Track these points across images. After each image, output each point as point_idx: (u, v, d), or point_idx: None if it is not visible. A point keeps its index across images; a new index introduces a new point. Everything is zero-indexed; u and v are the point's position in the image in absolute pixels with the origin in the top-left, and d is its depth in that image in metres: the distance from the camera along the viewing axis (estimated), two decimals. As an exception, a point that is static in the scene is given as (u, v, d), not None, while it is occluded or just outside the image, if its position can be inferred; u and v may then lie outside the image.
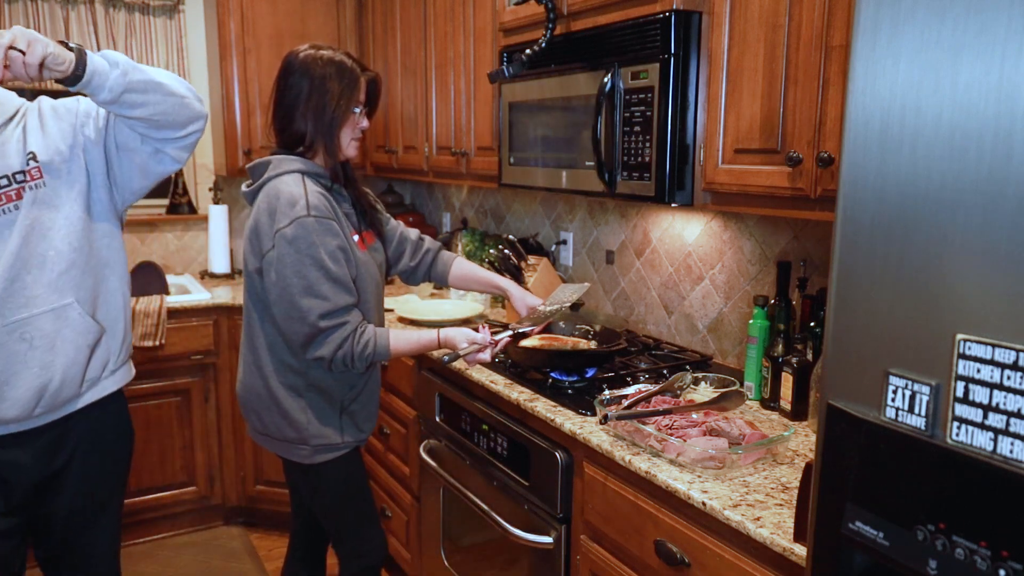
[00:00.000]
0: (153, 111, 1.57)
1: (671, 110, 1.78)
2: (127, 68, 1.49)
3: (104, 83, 1.47)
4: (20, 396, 1.61)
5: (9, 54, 1.33)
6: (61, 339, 1.64)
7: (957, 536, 0.86)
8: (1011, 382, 0.81)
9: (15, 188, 1.59)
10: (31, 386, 1.61)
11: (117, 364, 1.79)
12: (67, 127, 1.65)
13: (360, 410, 1.96)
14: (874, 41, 0.91)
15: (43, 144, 1.62)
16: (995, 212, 0.81)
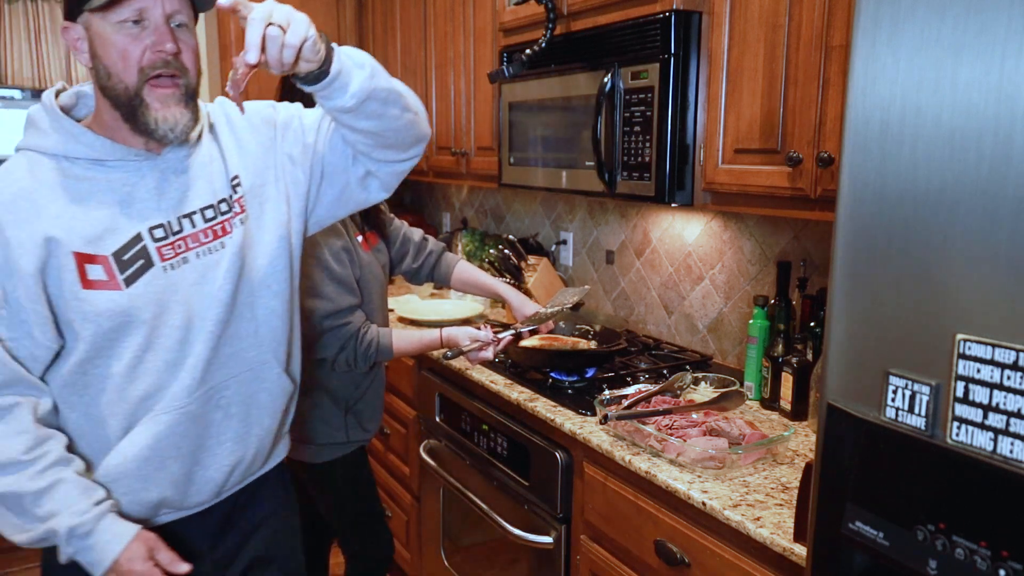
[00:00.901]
0: (386, 125, 1.30)
1: (671, 110, 1.78)
2: (374, 71, 1.24)
3: (348, 85, 1.20)
4: (211, 477, 1.35)
5: (268, 32, 1.08)
6: (256, 404, 1.38)
7: (957, 536, 0.86)
8: (1011, 382, 0.81)
9: (221, 221, 1.30)
10: (224, 464, 1.36)
11: (288, 425, 1.53)
12: (265, 141, 1.37)
13: (365, 409, 1.97)
14: (874, 41, 0.91)
15: (243, 164, 1.34)
16: (995, 212, 0.81)
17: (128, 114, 1.19)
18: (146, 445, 1.26)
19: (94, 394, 1.25)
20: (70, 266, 1.19)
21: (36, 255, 1.17)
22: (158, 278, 1.23)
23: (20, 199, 1.19)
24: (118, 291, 1.21)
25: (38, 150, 1.23)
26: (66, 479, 1.20)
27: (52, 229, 1.18)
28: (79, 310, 1.20)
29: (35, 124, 1.25)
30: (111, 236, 1.21)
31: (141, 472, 1.27)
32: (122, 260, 1.21)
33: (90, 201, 1.21)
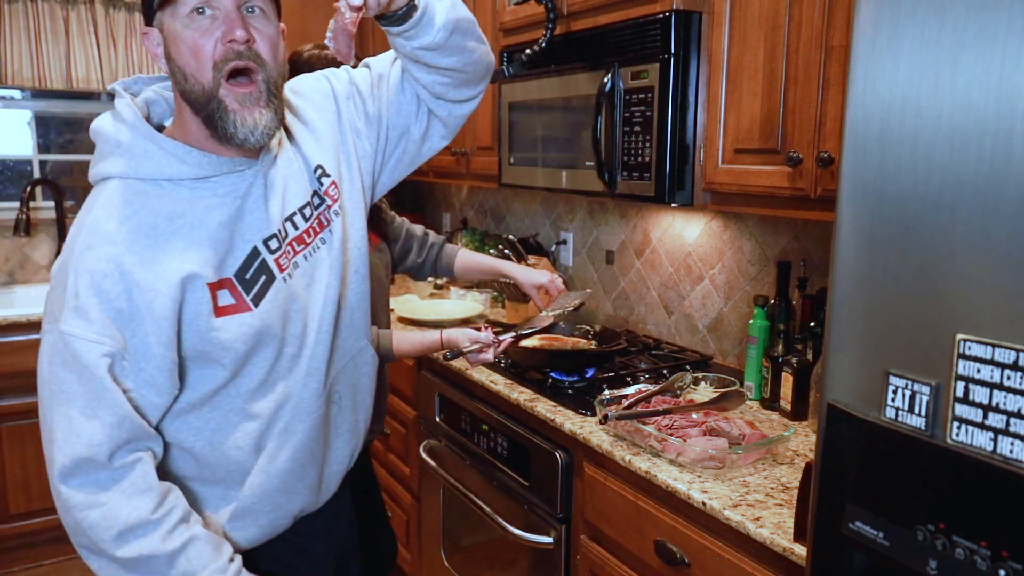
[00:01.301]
0: (468, 59, 1.23)
1: (671, 110, 1.78)
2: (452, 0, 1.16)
3: (434, 19, 1.13)
4: (335, 472, 1.34)
5: None
6: (360, 390, 1.36)
7: (957, 536, 0.86)
8: (1011, 382, 0.81)
9: (317, 216, 1.23)
10: (343, 457, 1.35)
11: None
12: (331, 118, 1.28)
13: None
14: (874, 41, 0.91)
15: (320, 150, 1.26)
16: (995, 212, 0.81)
17: (207, 119, 1.10)
18: (288, 457, 1.23)
19: (220, 420, 1.18)
20: (205, 299, 1.11)
21: (171, 296, 1.08)
22: (281, 291, 1.18)
23: (141, 236, 1.07)
24: (248, 312, 1.14)
25: (135, 176, 1.10)
26: (198, 536, 1.13)
27: (185, 265, 1.08)
28: (215, 341, 1.12)
29: (123, 146, 1.11)
30: (231, 256, 1.13)
31: (285, 485, 1.24)
32: (245, 279, 1.14)
33: (208, 224, 1.12)
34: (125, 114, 1.12)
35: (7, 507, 2.92)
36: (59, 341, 1.06)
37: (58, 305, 1.07)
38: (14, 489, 2.92)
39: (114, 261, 1.06)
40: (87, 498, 1.08)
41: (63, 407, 1.07)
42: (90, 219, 1.09)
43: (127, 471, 1.10)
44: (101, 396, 1.06)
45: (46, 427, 1.09)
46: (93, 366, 1.05)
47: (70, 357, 1.06)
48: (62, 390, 1.07)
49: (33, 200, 3.46)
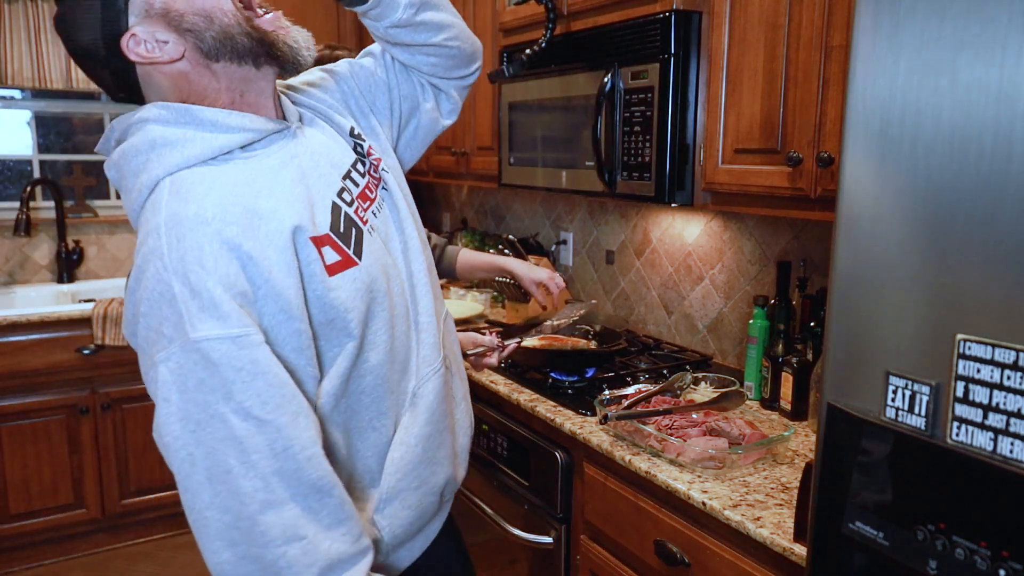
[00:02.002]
0: (449, 34, 1.21)
1: (671, 110, 1.78)
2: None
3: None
4: (463, 445, 1.28)
5: None
6: (457, 353, 1.28)
7: (957, 536, 0.86)
8: (1011, 382, 0.81)
9: (368, 171, 1.17)
10: (466, 427, 1.28)
11: None
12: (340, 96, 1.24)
13: None
14: (874, 41, 0.91)
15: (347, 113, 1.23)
16: (995, 212, 0.81)
17: (263, 54, 1.02)
18: (424, 421, 1.14)
19: (354, 400, 1.07)
20: (315, 256, 0.99)
21: (285, 261, 0.96)
22: (373, 241, 1.09)
23: (229, 206, 0.94)
24: (356, 267, 1.04)
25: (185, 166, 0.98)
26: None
27: (285, 221, 0.97)
28: (336, 303, 1.00)
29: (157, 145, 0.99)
30: (318, 212, 1.03)
31: (427, 455, 1.16)
32: (340, 233, 1.04)
33: (282, 181, 1.01)
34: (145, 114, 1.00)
35: (7, 507, 2.92)
36: (189, 359, 0.89)
37: (170, 322, 0.89)
38: (14, 489, 2.92)
39: (217, 238, 0.92)
40: (287, 527, 0.92)
41: (220, 432, 0.89)
42: (163, 219, 0.93)
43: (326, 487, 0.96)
44: (267, 396, 0.91)
45: (199, 472, 0.90)
46: (251, 362, 0.90)
47: (213, 368, 0.89)
48: (211, 414, 0.89)
49: (33, 200, 3.46)
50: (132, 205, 1.00)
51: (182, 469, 0.91)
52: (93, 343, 2.97)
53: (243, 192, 0.97)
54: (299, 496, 0.93)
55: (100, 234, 3.60)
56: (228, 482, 0.90)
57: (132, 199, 0.99)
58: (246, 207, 0.95)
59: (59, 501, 3.00)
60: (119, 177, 1.02)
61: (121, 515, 3.12)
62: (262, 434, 0.90)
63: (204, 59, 1.01)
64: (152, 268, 0.91)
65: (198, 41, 0.99)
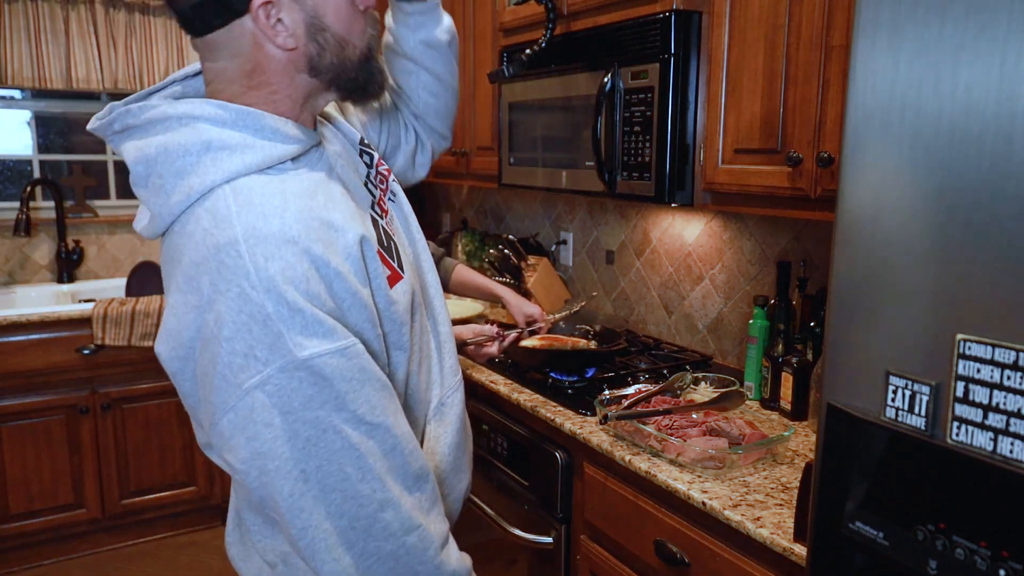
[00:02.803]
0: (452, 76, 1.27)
1: (671, 110, 1.78)
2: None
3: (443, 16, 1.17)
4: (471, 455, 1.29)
5: None
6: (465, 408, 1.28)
7: (957, 536, 0.86)
8: (1011, 382, 0.81)
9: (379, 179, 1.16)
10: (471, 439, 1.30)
11: None
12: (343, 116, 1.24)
13: None
14: (874, 41, 0.91)
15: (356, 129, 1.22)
16: (995, 212, 0.81)
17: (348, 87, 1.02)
18: (455, 431, 1.17)
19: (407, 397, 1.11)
20: (380, 267, 0.99)
21: (362, 271, 0.96)
22: (403, 255, 1.10)
23: (306, 220, 0.91)
24: (403, 280, 1.05)
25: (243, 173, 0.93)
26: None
27: (354, 229, 0.96)
28: (395, 316, 1.02)
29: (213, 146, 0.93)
30: (370, 227, 1.02)
31: (457, 463, 1.19)
32: (385, 246, 1.04)
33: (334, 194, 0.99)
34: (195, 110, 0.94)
35: (7, 507, 2.92)
36: (293, 378, 0.86)
37: (264, 345, 0.86)
38: (14, 489, 2.93)
39: (306, 258, 0.88)
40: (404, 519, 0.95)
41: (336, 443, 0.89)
42: (241, 235, 0.87)
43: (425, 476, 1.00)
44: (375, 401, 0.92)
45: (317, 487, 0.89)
46: (359, 371, 0.90)
47: (324, 383, 0.87)
48: (324, 429, 0.88)
49: (33, 200, 3.46)
50: (169, 206, 0.93)
51: (294, 491, 0.89)
52: (93, 343, 2.97)
53: (313, 205, 0.94)
54: (408, 488, 0.96)
55: (100, 234, 3.60)
56: (345, 489, 0.90)
57: (171, 200, 0.93)
58: (322, 220, 0.93)
59: (59, 501, 3.00)
60: (149, 173, 0.94)
61: (121, 515, 3.12)
62: (373, 438, 0.92)
63: (301, 68, 0.98)
64: (236, 289, 0.86)
65: (316, 55, 0.97)
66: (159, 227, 0.96)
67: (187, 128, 0.93)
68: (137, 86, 3.45)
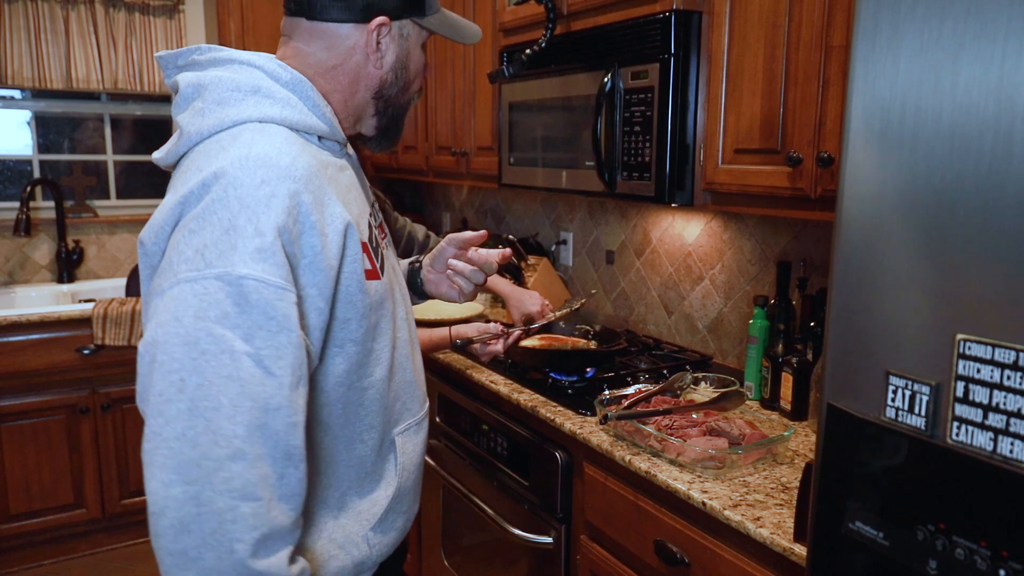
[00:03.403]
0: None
1: (671, 110, 1.78)
2: None
3: None
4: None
5: None
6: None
7: (957, 536, 0.86)
8: (1011, 382, 0.81)
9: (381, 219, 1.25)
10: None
11: None
12: None
13: None
14: (874, 41, 0.91)
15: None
16: (995, 212, 0.81)
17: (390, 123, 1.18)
18: (421, 451, 1.22)
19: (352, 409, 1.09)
20: (359, 255, 1.03)
21: (338, 244, 0.99)
22: (387, 264, 1.16)
23: (313, 175, 0.98)
24: (379, 280, 1.09)
25: (280, 121, 1.03)
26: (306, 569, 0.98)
27: (345, 211, 1.01)
28: (360, 305, 1.04)
29: (263, 91, 1.03)
30: (362, 221, 1.08)
31: (416, 485, 1.23)
32: (371, 246, 1.09)
33: (342, 180, 1.08)
34: (258, 60, 1.06)
35: (7, 507, 2.92)
36: (222, 290, 0.88)
37: (218, 248, 0.89)
38: (14, 489, 2.93)
39: (296, 198, 0.94)
40: (249, 484, 0.89)
41: (224, 370, 0.88)
42: (258, 153, 0.95)
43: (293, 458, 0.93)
44: (281, 350, 0.91)
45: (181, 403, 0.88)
46: (283, 315, 0.91)
47: (242, 309, 0.88)
48: (221, 350, 0.88)
49: (33, 200, 3.46)
50: (201, 127, 1.00)
51: (165, 393, 0.88)
52: (93, 343, 2.97)
53: (321, 174, 1.01)
54: (271, 458, 0.91)
55: (100, 234, 3.60)
56: (210, 420, 0.87)
57: (205, 122, 1.00)
58: (322, 184, 1.00)
59: (59, 501, 3.00)
60: (195, 97, 1.03)
61: (121, 515, 3.12)
62: (264, 386, 0.89)
63: (371, 87, 1.13)
64: (222, 191, 0.91)
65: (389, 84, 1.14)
66: (182, 148, 1.03)
67: (245, 70, 1.04)
68: (137, 86, 3.45)
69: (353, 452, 1.11)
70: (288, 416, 0.91)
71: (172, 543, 0.87)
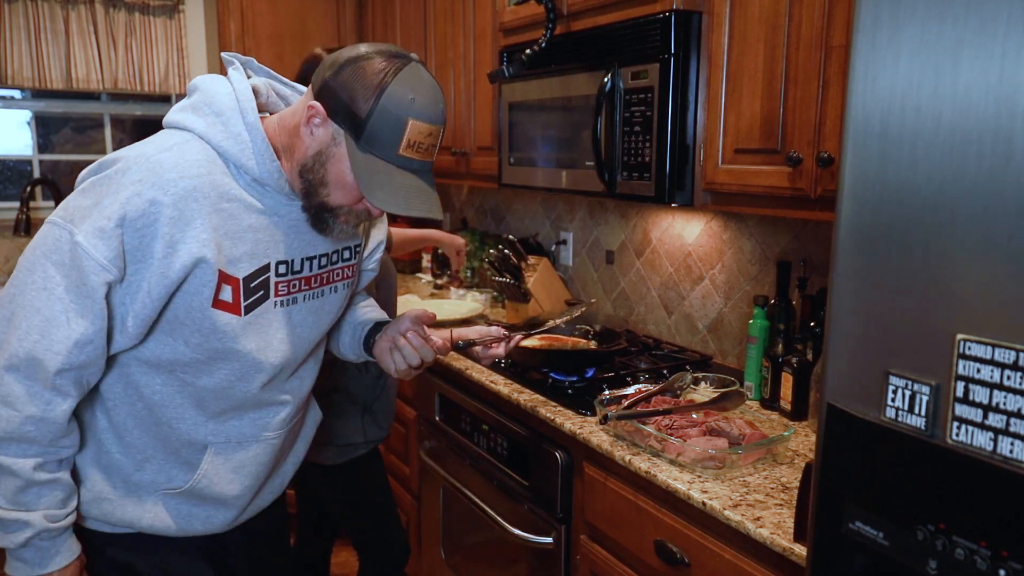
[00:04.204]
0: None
1: (671, 110, 1.78)
2: None
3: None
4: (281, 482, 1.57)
5: None
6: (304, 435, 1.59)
7: (957, 536, 0.86)
8: (1011, 382, 0.81)
9: (331, 270, 1.37)
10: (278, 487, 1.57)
11: None
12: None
13: (381, 408, 1.96)
14: (874, 41, 0.91)
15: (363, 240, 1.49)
16: (995, 212, 0.81)
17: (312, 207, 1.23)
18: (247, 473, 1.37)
19: (169, 394, 1.26)
20: (212, 283, 1.17)
21: (183, 264, 1.14)
22: (268, 312, 1.26)
23: (191, 200, 1.13)
24: (237, 316, 1.22)
25: (214, 145, 1.18)
26: (61, 480, 1.21)
27: (206, 246, 1.14)
28: (198, 324, 1.19)
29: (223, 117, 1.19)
30: (247, 261, 1.21)
31: (237, 501, 1.38)
32: (249, 287, 1.22)
33: (243, 221, 1.20)
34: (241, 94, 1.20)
35: (7, 507, 2.92)
36: (66, 244, 1.10)
37: (82, 212, 1.11)
38: (14, 489, 2.92)
39: (157, 206, 1.10)
40: (5, 395, 1.12)
41: (39, 302, 1.11)
42: (157, 158, 1.13)
43: (56, 398, 1.14)
44: (84, 310, 1.11)
45: (7, 308, 1.13)
46: (92, 286, 1.11)
47: (71, 265, 1.10)
48: (46, 287, 1.11)
49: (33, 200, 3.46)
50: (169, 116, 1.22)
51: (2, 298, 1.13)
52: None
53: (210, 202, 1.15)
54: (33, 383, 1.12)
55: (100, 234, 3.60)
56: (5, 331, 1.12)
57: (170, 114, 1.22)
58: (200, 211, 1.13)
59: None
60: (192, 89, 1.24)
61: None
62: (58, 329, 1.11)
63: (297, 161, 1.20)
64: (112, 172, 1.13)
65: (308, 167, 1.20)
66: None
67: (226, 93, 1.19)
68: (137, 86, 3.45)
69: (159, 431, 1.27)
70: (60, 363, 1.11)
71: None
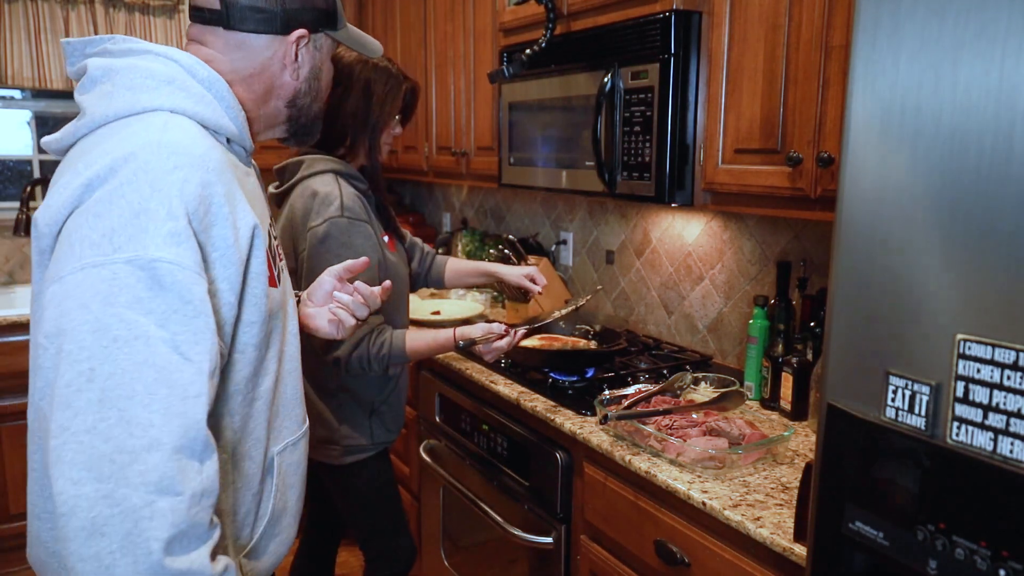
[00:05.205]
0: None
1: (671, 110, 1.78)
2: None
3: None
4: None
5: None
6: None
7: (957, 536, 0.86)
8: (1011, 382, 0.81)
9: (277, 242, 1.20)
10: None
11: None
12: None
13: (388, 411, 1.96)
14: (874, 41, 0.91)
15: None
16: (995, 212, 0.81)
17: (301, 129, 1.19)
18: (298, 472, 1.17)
19: (244, 423, 1.04)
20: (264, 258, 1.00)
21: (248, 241, 0.97)
22: (284, 278, 1.12)
23: (225, 169, 0.96)
24: (276, 288, 1.05)
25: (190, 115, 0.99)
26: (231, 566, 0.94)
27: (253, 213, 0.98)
28: (263, 309, 1.00)
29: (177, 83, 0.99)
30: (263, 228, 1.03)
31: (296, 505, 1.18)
32: (272, 255, 1.06)
33: (247, 185, 1.05)
34: (178, 56, 1.01)
35: (7, 507, 2.92)
36: (133, 275, 0.84)
37: (124, 232, 0.85)
38: (14, 489, 2.93)
39: (208, 188, 0.91)
40: (166, 477, 0.83)
41: (138, 356, 0.83)
42: (168, 139, 0.91)
43: (207, 452, 0.88)
44: (201, 338, 0.87)
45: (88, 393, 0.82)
46: (200, 302, 0.87)
47: (156, 293, 0.84)
48: (134, 336, 0.83)
49: (33, 200, 3.45)
50: (107, 111, 0.95)
51: (73, 383, 0.82)
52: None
53: (231, 171, 0.99)
54: (190, 450, 0.85)
55: (100, 234, 3.60)
56: (124, 410, 0.82)
57: (111, 105, 0.96)
58: (232, 181, 0.97)
59: (59, 501, 3.00)
60: (102, 80, 0.98)
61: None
62: (182, 372, 0.85)
63: (284, 97, 1.14)
64: (132, 174, 0.87)
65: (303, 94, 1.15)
66: (82, 129, 0.97)
67: (161, 61, 1.00)
68: (137, 86, 3.45)
69: (240, 470, 1.04)
70: (207, 405, 0.87)
71: (84, 547, 0.81)
